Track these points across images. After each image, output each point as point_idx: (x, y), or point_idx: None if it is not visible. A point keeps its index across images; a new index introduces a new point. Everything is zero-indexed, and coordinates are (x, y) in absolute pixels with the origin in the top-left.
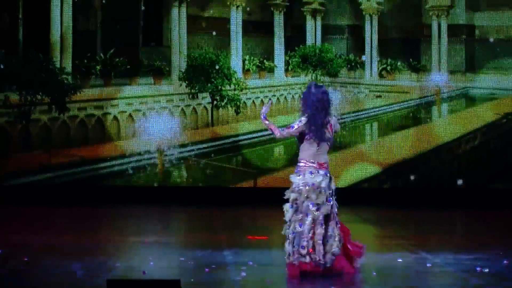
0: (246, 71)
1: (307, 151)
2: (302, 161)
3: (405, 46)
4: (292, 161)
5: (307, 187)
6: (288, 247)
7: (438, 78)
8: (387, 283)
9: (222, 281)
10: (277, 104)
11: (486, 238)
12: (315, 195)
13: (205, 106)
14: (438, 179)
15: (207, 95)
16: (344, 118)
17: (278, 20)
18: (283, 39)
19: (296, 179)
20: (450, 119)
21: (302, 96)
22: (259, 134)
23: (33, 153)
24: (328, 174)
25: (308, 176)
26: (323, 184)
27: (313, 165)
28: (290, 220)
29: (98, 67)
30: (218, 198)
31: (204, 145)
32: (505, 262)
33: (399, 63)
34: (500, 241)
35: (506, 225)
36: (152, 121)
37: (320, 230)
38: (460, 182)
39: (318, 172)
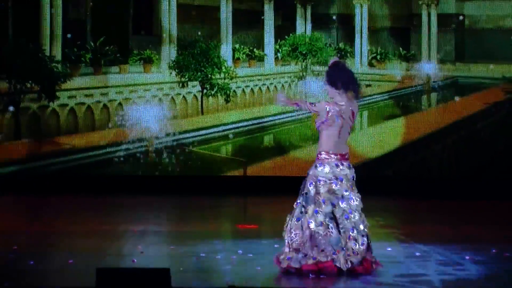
0: (236, 60)
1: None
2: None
3: (395, 35)
4: (281, 150)
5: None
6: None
7: (428, 67)
8: (376, 272)
9: (211, 270)
10: (267, 92)
11: (475, 228)
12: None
13: (195, 95)
14: (427, 168)
15: (197, 84)
16: None
17: (268, 9)
18: (273, 28)
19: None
20: (440, 108)
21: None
22: (249, 123)
23: (22, 141)
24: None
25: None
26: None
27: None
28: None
29: (88, 56)
30: (208, 187)
31: (194, 134)
32: (493, 251)
33: (389, 53)
34: (489, 231)
35: (495, 215)
36: (142, 110)
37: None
38: None
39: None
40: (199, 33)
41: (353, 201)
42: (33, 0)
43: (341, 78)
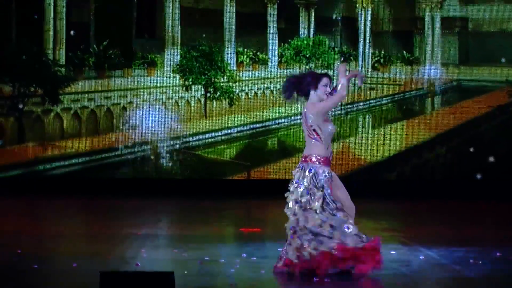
0: (239, 63)
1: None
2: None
3: (399, 38)
4: (285, 153)
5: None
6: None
7: (432, 70)
8: (380, 276)
9: (215, 273)
10: (271, 96)
11: (479, 230)
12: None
13: (198, 98)
14: (431, 171)
15: (201, 87)
16: (337, 111)
17: (272, 12)
18: (276, 31)
19: None
20: (443, 112)
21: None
22: (253, 126)
23: (26, 145)
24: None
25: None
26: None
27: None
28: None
29: (91, 59)
30: (211, 190)
31: (198, 137)
32: (498, 254)
33: (392, 56)
34: (493, 233)
35: (498, 216)
36: (145, 113)
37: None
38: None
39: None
40: (203, 36)
41: (290, 204)
42: (37, 3)
43: (290, 90)
